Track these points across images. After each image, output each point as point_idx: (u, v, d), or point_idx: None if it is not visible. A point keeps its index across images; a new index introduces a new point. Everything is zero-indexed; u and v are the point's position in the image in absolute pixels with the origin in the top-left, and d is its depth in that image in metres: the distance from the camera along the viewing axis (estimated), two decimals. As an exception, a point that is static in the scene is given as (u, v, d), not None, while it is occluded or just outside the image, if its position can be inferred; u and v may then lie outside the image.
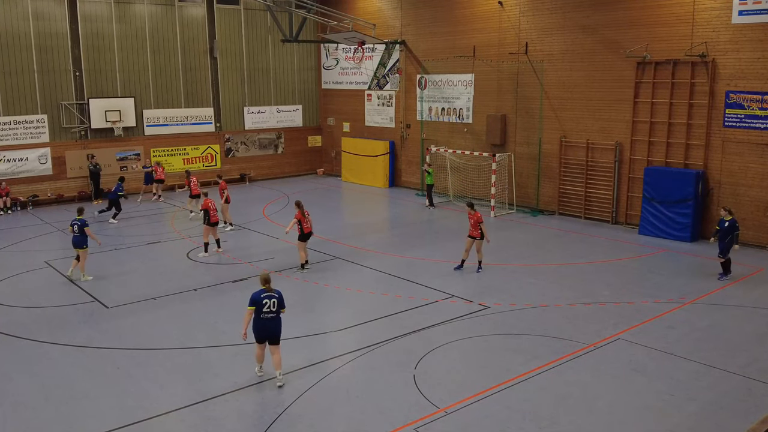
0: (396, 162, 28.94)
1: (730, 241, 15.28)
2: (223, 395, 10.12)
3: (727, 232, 15.27)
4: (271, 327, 10.26)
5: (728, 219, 15.34)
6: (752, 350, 11.62)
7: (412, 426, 9.16)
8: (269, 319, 10.22)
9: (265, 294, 10.18)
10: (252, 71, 30.31)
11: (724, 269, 15.57)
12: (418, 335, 12.34)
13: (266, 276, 10.38)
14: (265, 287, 10.23)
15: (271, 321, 10.24)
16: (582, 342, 11.95)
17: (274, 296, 10.22)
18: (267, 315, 10.18)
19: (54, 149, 25.63)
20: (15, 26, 24.29)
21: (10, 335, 12.61)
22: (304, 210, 16.24)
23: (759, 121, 17.87)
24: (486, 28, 24.22)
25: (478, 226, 15.83)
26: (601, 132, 21.32)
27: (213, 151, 29.63)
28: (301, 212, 16.11)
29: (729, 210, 15.58)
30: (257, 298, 10.15)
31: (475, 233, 15.90)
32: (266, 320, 10.20)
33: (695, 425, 9.22)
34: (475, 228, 15.89)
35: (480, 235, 15.88)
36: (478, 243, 15.99)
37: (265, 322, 10.20)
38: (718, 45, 18.35)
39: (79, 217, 15.83)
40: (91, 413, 9.67)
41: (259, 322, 10.19)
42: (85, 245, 15.69)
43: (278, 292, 10.35)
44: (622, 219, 21.14)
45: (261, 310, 10.13)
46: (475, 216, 15.93)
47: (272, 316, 10.23)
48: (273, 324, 10.27)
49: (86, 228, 15.64)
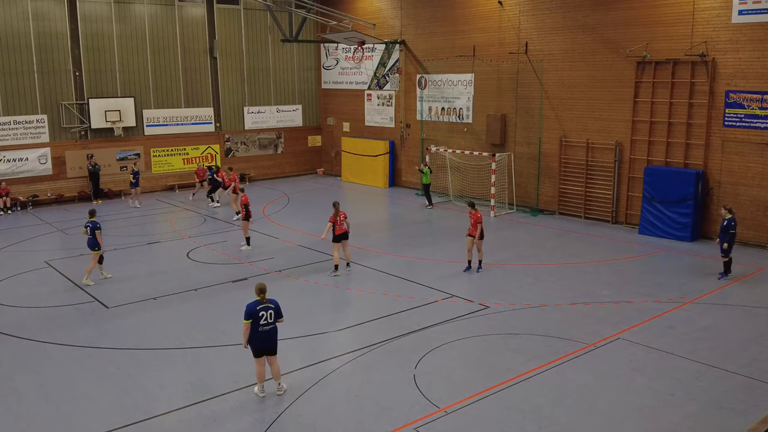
0: (396, 162, 28.94)
1: (729, 240, 15.25)
2: (223, 395, 10.12)
3: (725, 231, 15.24)
4: (269, 339, 9.85)
5: (727, 218, 15.30)
6: (752, 350, 11.62)
7: (412, 426, 9.16)
8: (267, 332, 9.79)
9: (261, 306, 9.71)
10: (252, 71, 30.31)
11: (725, 269, 15.56)
12: (418, 335, 12.34)
13: (262, 286, 9.84)
14: (260, 298, 9.75)
15: (268, 333, 9.82)
16: (582, 342, 11.95)
17: (271, 307, 9.79)
18: (264, 327, 9.75)
19: (54, 149, 25.64)
20: (15, 26, 24.29)
21: (10, 335, 12.61)
22: (338, 211, 15.85)
23: (759, 121, 17.87)
24: (486, 27, 24.22)
25: (477, 225, 15.84)
26: (601, 132, 21.32)
27: (213, 151, 29.62)
28: (334, 214, 15.80)
29: (729, 209, 15.51)
30: (253, 311, 9.67)
31: (474, 232, 15.92)
32: (264, 332, 9.76)
33: (695, 425, 9.21)
34: (474, 227, 15.91)
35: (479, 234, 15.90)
36: (478, 242, 16.00)
37: (262, 334, 9.75)
38: (718, 44, 18.35)
39: (91, 219, 15.70)
40: (91, 413, 9.67)
41: (257, 335, 9.74)
42: (96, 248, 15.62)
43: (274, 302, 9.90)
44: (622, 219, 21.14)
45: (258, 322, 9.69)
46: (476, 215, 15.94)
47: (270, 327, 9.82)
48: (271, 335, 9.87)
49: (97, 231, 15.51)
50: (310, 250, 18.25)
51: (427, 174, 24.23)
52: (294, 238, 19.19)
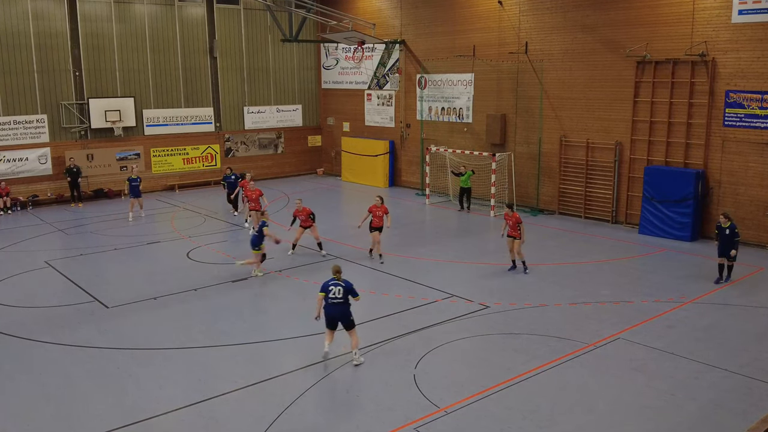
0: (396, 162, 28.94)
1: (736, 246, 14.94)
2: (223, 395, 10.12)
3: (730, 239, 14.88)
4: (337, 312, 11.08)
5: (726, 225, 14.96)
6: (752, 350, 11.62)
7: (412, 425, 9.16)
8: (335, 305, 11.06)
9: (332, 282, 11.13)
10: (252, 71, 30.30)
11: (729, 272, 15.31)
12: (418, 335, 12.34)
13: (337, 267, 11.32)
14: (335, 276, 11.17)
15: (337, 306, 11.06)
16: (582, 341, 11.95)
17: (341, 285, 11.08)
18: (333, 301, 11.07)
19: (54, 149, 25.62)
20: (15, 26, 24.29)
21: (10, 335, 12.61)
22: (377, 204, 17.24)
23: (759, 121, 17.87)
24: (486, 27, 24.22)
25: (517, 226, 15.84)
26: (601, 131, 21.32)
27: (213, 151, 29.62)
28: (375, 205, 17.25)
29: (728, 216, 15.19)
30: (325, 285, 11.15)
31: (515, 233, 15.90)
32: (333, 305, 11.07)
33: (695, 425, 9.22)
34: (514, 228, 15.89)
35: (519, 235, 15.89)
36: (517, 243, 15.98)
37: (331, 307, 11.09)
38: (718, 44, 18.35)
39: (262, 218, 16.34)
40: (91, 413, 9.67)
41: (327, 307, 11.13)
42: (257, 247, 15.91)
43: (347, 281, 11.18)
44: (622, 218, 21.14)
45: (328, 296, 11.08)
46: (514, 217, 15.91)
47: (339, 302, 11.05)
48: (340, 310, 11.07)
49: (265, 228, 15.92)
50: (309, 250, 18.25)
51: (467, 177, 23.35)
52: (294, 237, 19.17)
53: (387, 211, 17.33)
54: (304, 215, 17.78)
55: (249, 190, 20.77)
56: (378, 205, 17.25)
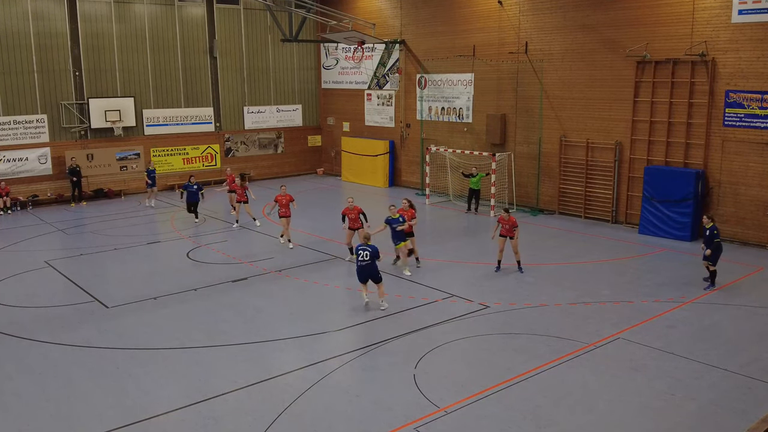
0: (396, 161, 28.94)
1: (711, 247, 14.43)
2: (223, 395, 10.12)
3: (710, 239, 14.44)
4: (366, 271, 13.50)
5: (708, 226, 14.56)
6: (752, 349, 11.62)
7: (412, 425, 9.16)
8: (364, 265, 13.45)
9: (361, 246, 13.53)
10: (252, 71, 30.30)
11: (712, 278, 14.83)
12: (418, 335, 12.34)
13: (367, 234, 14.03)
14: (365, 243, 13.63)
15: (365, 266, 13.45)
16: (582, 341, 11.95)
17: (368, 249, 13.42)
18: (361, 262, 13.45)
19: (54, 149, 25.62)
20: (15, 26, 24.29)
21: (10, 335, 12.61)
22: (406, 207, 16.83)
23: (759, 120, 17.87)
24: (486, 27, 24.22)
25: (513, 230, 15.82)
26: (601, 131, 21.32)
27: (213, 151, 29.63)
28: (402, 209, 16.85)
29: (710, 216, 14.85)
30: (357, 249, 13.70)
31: (510, 233, 15.89)
32: (362, 266, 13.48)
33: (695, 425, 9.22)
34: (510, 231, 15.88)
35: (514, 234, 15.85)
36: (514, 243, 15.96)
37: (360, 268, 13.55)
38: (718, 44, 18.35)
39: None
40: (91, 413, 9.67)
41: (358, 267, 13.62)
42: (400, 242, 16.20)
43: (373, 246, 13.50)
44: (622, 218, 21.13)
45: (358, 258, 13.49)
46: (510, 221, 15.86)
47: (366, 263, 13.41)
48: (368, 269, 13.48)
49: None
50: (309, 250, 18.26)
51: (478, 179, 23.09)
52: (294, 237, 19.18)
53: (413, 215, 16.71)
54: (354, 214, 16.92)
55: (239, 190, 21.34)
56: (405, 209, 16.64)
